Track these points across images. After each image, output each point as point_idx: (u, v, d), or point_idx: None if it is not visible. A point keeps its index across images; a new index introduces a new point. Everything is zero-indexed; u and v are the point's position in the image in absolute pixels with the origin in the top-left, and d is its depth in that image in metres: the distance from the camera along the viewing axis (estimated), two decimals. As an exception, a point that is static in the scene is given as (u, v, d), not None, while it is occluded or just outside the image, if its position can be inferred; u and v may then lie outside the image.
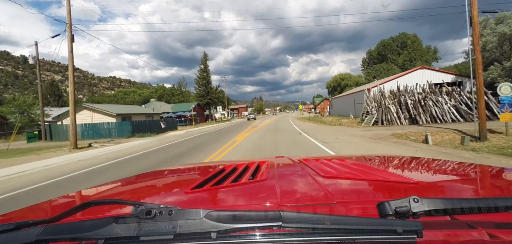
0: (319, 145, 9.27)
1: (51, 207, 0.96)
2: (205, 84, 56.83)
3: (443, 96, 16.22)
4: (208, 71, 57.23)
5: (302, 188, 0.89)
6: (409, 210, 0.50)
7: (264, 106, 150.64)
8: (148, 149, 11.47)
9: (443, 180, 1.01)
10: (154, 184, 1.24)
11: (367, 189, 0.86)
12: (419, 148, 7.85)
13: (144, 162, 8.15)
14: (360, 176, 0.94)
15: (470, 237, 0.52)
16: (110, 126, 20.75)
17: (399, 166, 1.31)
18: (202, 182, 0.94)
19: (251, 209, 0.63)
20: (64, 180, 6.26)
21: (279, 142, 10.59)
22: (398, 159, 1.49)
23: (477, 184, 0.93)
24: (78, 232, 0.51)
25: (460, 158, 6.13)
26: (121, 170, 6.99)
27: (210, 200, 0.84)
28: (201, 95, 56.45)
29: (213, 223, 0.49)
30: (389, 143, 8.99)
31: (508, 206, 0.50)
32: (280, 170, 1.15)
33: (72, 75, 13.36)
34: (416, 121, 15.73)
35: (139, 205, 0.53)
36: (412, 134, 10.78)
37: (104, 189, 1.17)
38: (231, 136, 14.71)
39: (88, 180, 6.18)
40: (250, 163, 1.27)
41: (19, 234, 0.52)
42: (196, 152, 9.34)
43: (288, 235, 0.49)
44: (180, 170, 1.54)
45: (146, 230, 0.49)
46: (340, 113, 34.97)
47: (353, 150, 7.96)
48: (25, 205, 0.97)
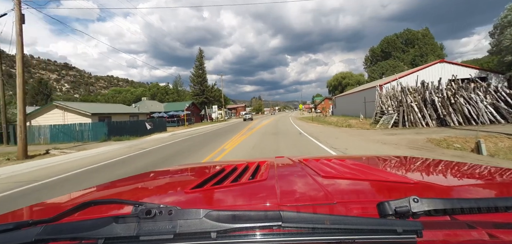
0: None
1: (51, 207, 0.98)
2: (200, 82, 54.20)
3: (477, 93, 13.19)
4: (204, 69, 54.73)
5: (302, 188, 0.92)
6: (409, 210, 0.51)
7: (263, 106, 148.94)
8: (107, 161, 9.58)
9: (443, 180, 1.03)
10: (154, 184, 1.26)
11: (367, 189, 0.88)
12: (478, 159, 6.24)
13: (84, 185, 6.16)
14: (360, 176, 0.97)
15: (470, 237, 0.54)
16: (83, 128, 19.35)
17: (399, 166, 1.33)
18: (202, 182, 0.96)
19: (251, 209, 0.65)
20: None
21: (282, 152, 8.74)
22: (398, 159, 1.51)
23: (477, 184, 0.95)
24: (78, 232, 0.53)
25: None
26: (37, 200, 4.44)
27: (210, 200, 0.86)
28: (196, 93, 54.32)
29: (213, 223, 0.51)
30: (437, 154, 7.18)
31: (508, 206, 0.52)
32: (280, 170, 1.18)
33: (21, 63, 10.84)
34: (445, 123, 14.49)
35: (139, 204, 0.55)
36: (454, 140, 9.02)
37: (104, 188, 1.18)
38: (221, 141, 13.15)
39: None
40: (250, 163, 1.30)
41: (19, 234, 0.54)
42: (165, 165, 7.44)
43: (288, 235, 0.51)
44: (180, 170, 1.56)
45: (146, 229, 0.51)
46: (345, 112, 35.20)
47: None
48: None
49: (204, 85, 54.62)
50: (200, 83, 54.16)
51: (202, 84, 54.25)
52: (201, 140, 13.98)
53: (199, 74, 54.48)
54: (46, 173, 7.67)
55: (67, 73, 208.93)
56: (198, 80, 54.23)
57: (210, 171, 1.27)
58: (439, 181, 0.97)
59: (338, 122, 21.55)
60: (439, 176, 1.10)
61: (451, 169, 1.17)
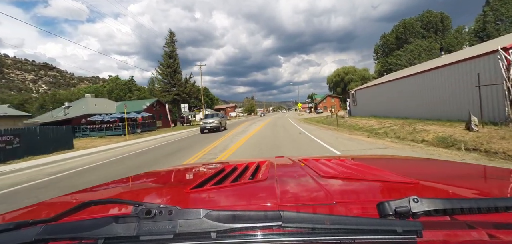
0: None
1: (51, 207, 0.98)
2: (171, 74, 39.30)
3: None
4: (176, 57, 40.17)
5: (302, 188, 0.91)
6: (409, 210, 0.51)
7: (255, 106, 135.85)
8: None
9: (443, 180, 1.02)
10: (154, 184, 1.26)
11: (367, 189, 0.88)
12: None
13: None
14: (360, 176, 0.97)
15: (470, 237, 0.54)
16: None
17: (399, 166, 1.33)
18: (202, 182, 0.95)
19: (251, 209, 0.65)
20: None
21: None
22: (398, 159, 1.52)
23: (477, 184, 0.94)
24: (78, 232, 0.53)
25: None
26: None
27: (210, 200, 0.86)
28: (165, 89, 38.89)
29: (213, 222, 0.51)
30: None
31: (508, 206, 0.52)
32: (280, 170, 1.17)
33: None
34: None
35: (139, 204, 0.54)
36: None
37: (104, 189, 1.18)
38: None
39: None
40: (249, 163, 1.28)
41: (19, 234, 0.54)
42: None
43: (288, 235, 0.51)
44: (180, 170, 1.55)
45: (146, 229, 0.51)
46: (376, 112, 20.47)
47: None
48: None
49: (176, 78, 39.79)
50: (170, 75, 39.36)
51: (173, 77, 39.44)
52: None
53: (169, 64, 39.47)
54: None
55: (46, 73, 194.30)
56: (168, 72, 39.24)
57: (210, 171, 1.26)
58: (439, 181, 0.97)
59: (388, 130, 11.45)
60: (439, 176, 1.10)
61: (451, 169, 1.17)
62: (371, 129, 13.10)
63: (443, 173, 1.13)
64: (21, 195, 5.97)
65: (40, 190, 6.25)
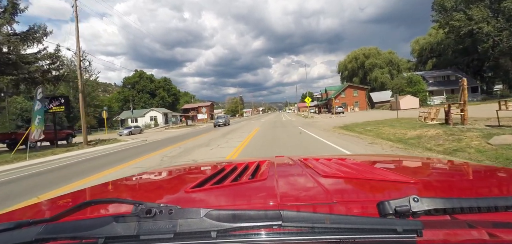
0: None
1: (52, 206, 0.97)
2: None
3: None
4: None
5: (302, 187, 0.91)
6: (409, 209, 0.51)
7: (240, 106, 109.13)
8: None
9: (443, 179, 1.02)
10: (154, 183, 1.23)
11: (367, 188, 0.87)
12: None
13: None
14: (360, 176, 0.96)
15: (470, 236, 0.53)
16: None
17: (399, 165, 1.30)
18: (202, 181, 0.94)
19: (251, 208, 0.65)
20: None
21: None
22: (398, 158, 1.51)
23: (477, 184, 0.94)
24: (78, 231, 0.52)
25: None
26: None
27: (210, 199, 0.85)
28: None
29: (213, 222, 0.51)
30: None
31: (508, 205, 0.52)
32: (280, 170, 1.16)
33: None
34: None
35: (139, 204, 0.54)
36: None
37: (104, 188, 1.17)
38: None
39: None
40: (250, 162, 1.26)
41: (19, 233, 0.53)
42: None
43: (288, 234, 0.51)
44: (180, 170, 1.53)
45: (146, 229, 0.50)
46: None
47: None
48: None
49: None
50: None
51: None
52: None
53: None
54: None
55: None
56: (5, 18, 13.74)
57: (210, 171, 1.26)
58: (439, 181, 0.97)
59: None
60: (439, 175, 1.10)
61: (451, 168, 1.16)
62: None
63: (443, 173, 1.13)
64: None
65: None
